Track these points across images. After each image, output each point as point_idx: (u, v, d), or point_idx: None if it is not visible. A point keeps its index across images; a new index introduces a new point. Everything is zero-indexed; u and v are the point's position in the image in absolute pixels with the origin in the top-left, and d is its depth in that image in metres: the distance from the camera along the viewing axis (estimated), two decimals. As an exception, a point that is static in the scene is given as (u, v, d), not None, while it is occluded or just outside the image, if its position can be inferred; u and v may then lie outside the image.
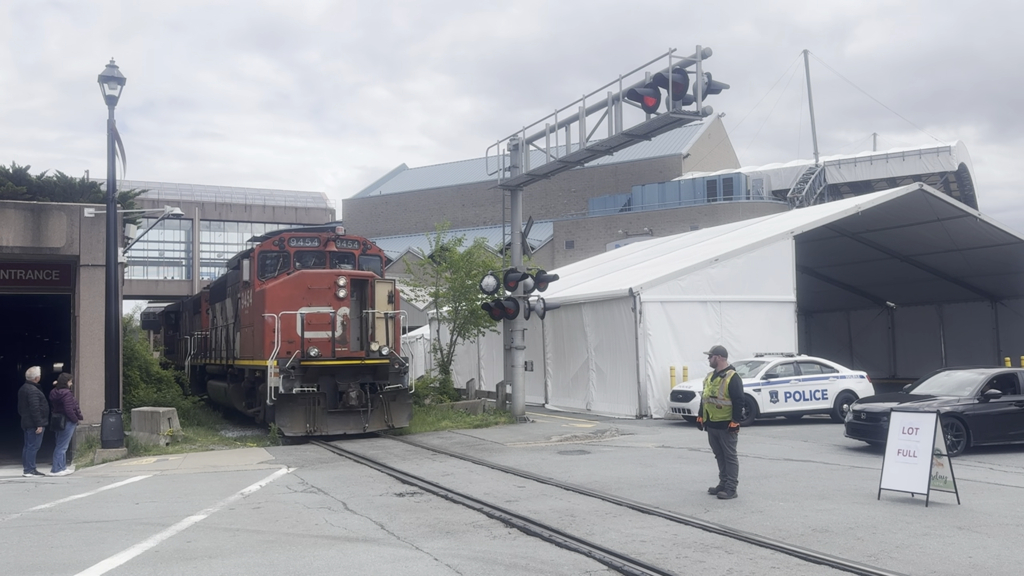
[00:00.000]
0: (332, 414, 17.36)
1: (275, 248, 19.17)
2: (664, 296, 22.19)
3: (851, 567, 7.19)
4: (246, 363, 19.73)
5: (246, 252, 20.09)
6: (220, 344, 23.65)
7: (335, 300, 17.71)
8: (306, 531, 9.04)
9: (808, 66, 68.21)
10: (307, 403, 17.11)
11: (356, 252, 19.99)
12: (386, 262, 21.29)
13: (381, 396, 17.89)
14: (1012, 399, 14.59)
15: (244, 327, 20.00)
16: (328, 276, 18.03)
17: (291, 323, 17.26)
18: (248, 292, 19.38)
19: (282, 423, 16.94)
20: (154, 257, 61.11)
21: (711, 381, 11.32)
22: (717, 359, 11.50)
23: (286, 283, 17.94)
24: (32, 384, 14.46)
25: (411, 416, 18.74)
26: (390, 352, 17.95)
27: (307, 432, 17.04)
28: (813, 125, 66.94)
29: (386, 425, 17.92)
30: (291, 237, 19.34)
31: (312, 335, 17.28)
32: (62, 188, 18.60)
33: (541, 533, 8.59)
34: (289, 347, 17.14)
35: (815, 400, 20.38)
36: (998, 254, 27.81)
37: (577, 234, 65.65)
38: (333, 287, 17.78)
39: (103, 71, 16.20)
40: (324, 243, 19.35)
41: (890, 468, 10.34)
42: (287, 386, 16.94)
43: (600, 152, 19.37)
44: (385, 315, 18.17)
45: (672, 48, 16.01)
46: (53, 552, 8.40)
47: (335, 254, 19.43)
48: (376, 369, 17.91)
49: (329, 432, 17.26)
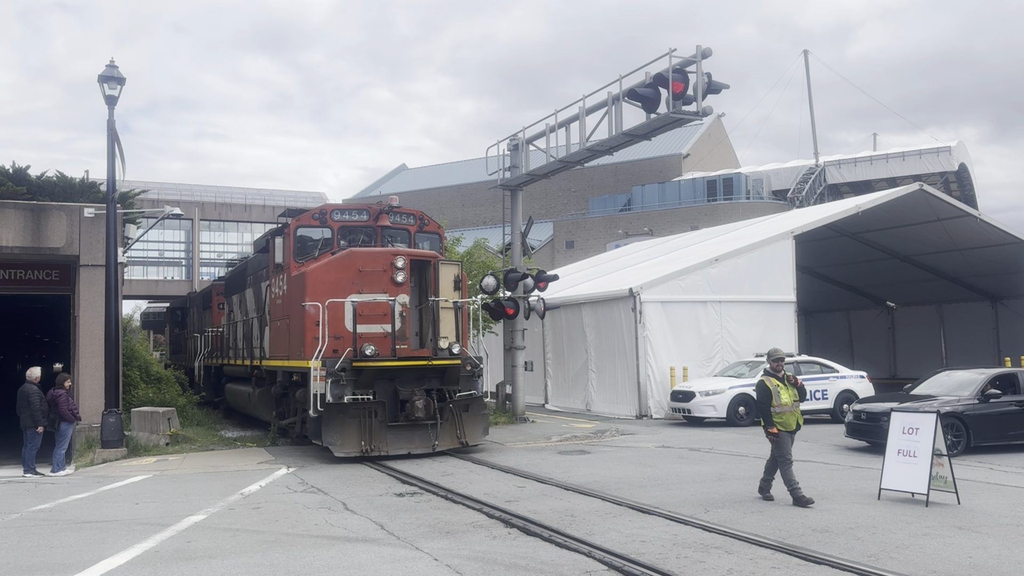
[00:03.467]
0: (392, 428, 14.25)
1: (315, 223, 15.95)
2: (664, 296, 22.19)
3: (851, 567, 7.18)
4: (278, 364, 16.66)
5: (278, 229, 16.79)
6: (239, 341, 21.22)
7: (392, 285, 14.60)
8: (306, 531, 9.03)
9: (808, 66, 68.26)
10: (360, 414, 14.01)
11: (412, 228, 16.68)
12: (444, 242, 18.04)
13: (451, 406, 14.82)
14: (1012, 399, 14.59)
15: (275, 320, 16.98)
16: (383, 256, 14.84)
17: (338, 314, 14.27)
18: (281, 277, 16.37)
19: (330, 439, 13.81)
20: (154, 257, 61.04)
21: (787, 387, 10.45)
22: (780, 364, 10.71)
23: (332, 264, 14.82)
24: (32, 384, 14.46)
25: (487, 431, 15.63)
26: (462, 351, 15.02)
27: (362, 451, 13.90)
28: (813, 125, 66.97)
29: (458, 442, 14.85)
30: (334, 210, 16.15)
31: (365, 329, 14.14)
32: (62, 188, 18.58)
33: (541, 533, 8.59)
34: (336, 344, 14.17)
35: (815, 400, 20.36)
36: (998, 254, 27.80)
37: (577, 234, 65.61)
38: (390, 269, 14.61)
39: (103, 71, 16.21)
40: (375, 216, 16.09)
41: (890, 468, 10.34)
42: (336, 393, 13.89)
43: (600, 152, 19.36)
44: (454, 304, 15.07)
45: (672, 48, 16.01)
46: (53, 552, 8.39)
47: (388, 230, 16.20)
48: (445, 372, 14.79)
49: (389, 451, 14.12)
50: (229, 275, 24.23)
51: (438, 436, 14.47)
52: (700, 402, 19.73)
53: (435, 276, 14.86)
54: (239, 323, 21.24)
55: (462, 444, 14.89)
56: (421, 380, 14.62)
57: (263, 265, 18.16)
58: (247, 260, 21.66)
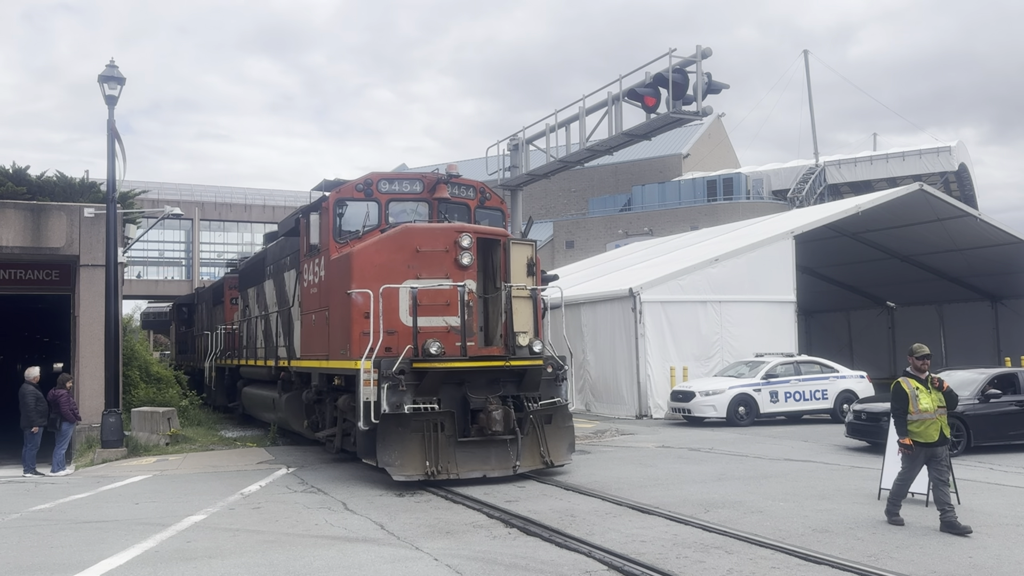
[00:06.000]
0: (464, 445, 11.59)
1: (359, 195, 13.26)
2: (664, 296, 22.19)
3: (851, 567, 7.18)
4: (312, 365, 14.11)
5: (313, 204, 14.02)
6: (257, 339, 18.99)
7: (456, 269, 12.05)
8: (306, 531, 9.03)
9: (808, 66, 68.21)
10: (423, 428, 11.39)
11: (471, 203, 13.97)
12: (507, 219, 15.08)
13: (531, 417, 12.17)
14: (1012, 399, 14.58)
15: (308, 313, 14.46)
16: (446, 233, 12.28)
17: (392, 304, 11.75)
18: (316, 262, 13.94)
19: (387, 459, 11.20)
20: (154, 257, 61.07)
21: (929, 391, 9.02)
22: (925, 363, 9.24)
23: (384, 243, 12.29)
24: (31, 384, 14.47)
25: (573, 447, 13.01)
26: (544, 349, 12.61)
27: (427, 474, 11.22)
28: (813, 124, 66.92)
29: (541, 461, 12.20)
30: (381, 179, 13.45)
31: (427, 322, 11.68)
32: (62, 188, 18.58)
33: (541, 533, 8.58)
34: (388, 341, 11.64)
35: (815, 400, 20.38)
36: (998, 254, 27.82)
37: (577, 234, 65.59)
38: (453, 249, 12.05)
39: (103, 71, 16.23)
40: (431, 187, 13.47)
41: (890, 468, 10.31)
42: (394, 401, 11.31)
43: (600, 152, 19.39)
44: (531, 292, 12.68)
45: (672, 48, 16.03)
46: (53, 552, 8.39)
47: (445, 204, 13.55)
48: (525, 375, 12.21)
49: (461, 474, 11.43)
50: (244, 266, 22.02)
51: (519, 454, 11.82)
52: (700, 402, 19.74)
53: (505, 258, 12.36)
54: (257, 319, 19.21)
55: (546, 464, 12.23)
56: (494, 385, 12.06)
57: (287, 251, 16.12)
58: (265, 249, 19.26)
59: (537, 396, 12.44)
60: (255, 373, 19.21)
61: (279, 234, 16.99)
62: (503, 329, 12.21)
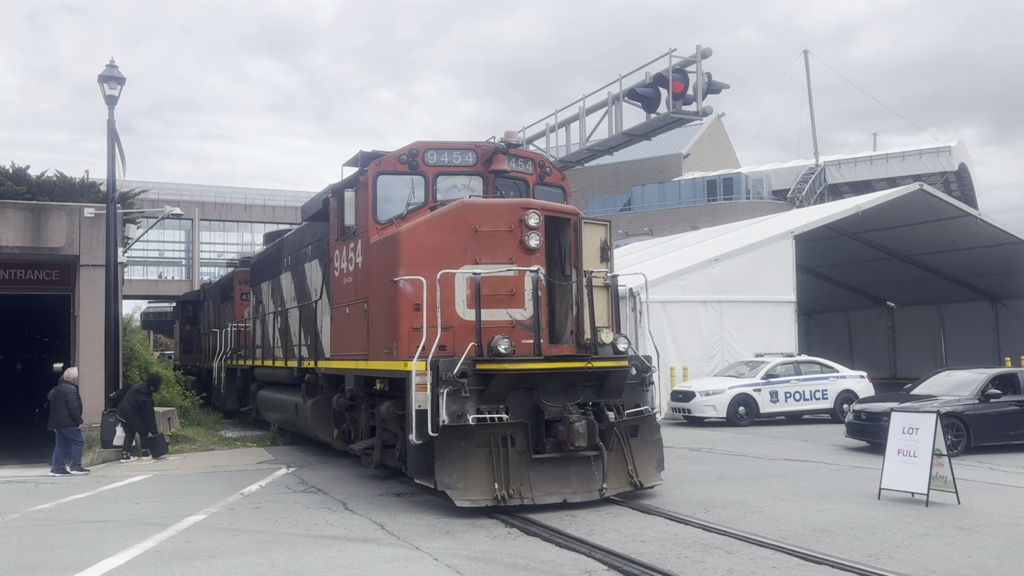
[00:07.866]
0: (538, 463, 9.69)
1: (403, 168, 11.33)
2: (664, 296, 22.18)
3: (851, 567, 7.18)
4: (347, 366, 12.22)
5: (349, 179, 12.12)
6: (273, 337, 17.38)
7: (521, 252, 10.19)
8: (306, 531, 9.03)
9: (808, 66, 68.17)
10: (490, 443, 9.46)
11: (530, 178, 12.09)
12: (569, 198, 12.83)
13: (616, 429, 10.31)
14: (1012, 399, 14.60)
15: (340, 306, 12.59)
16: (510, 209, 10.40)
17: (447, 294, 9.85)
18: (351, 247, 12.05)
19: (449, 480, 9.31)
20: (154, 257, 61.06)
21: None
22: None
23: (436, 222, 10.44)
24: (70, 384, 14.43)
25: (662, 464, 10.98)
26: (628, 348, 10.46)
27: (497, 499, 9.29)
28: (813, 124, 66.89)
29: (630, 483, 10.26)
30: (428, 149, 11.46)
31: (490, 315, 9.88)
32: (62, 188, 18.59)
33: (541, 533, 8.58)
34: (443, 338, 9.71)
35: (815, 400, 20.39)
36: (998, 254, 27.81)
37: (577, 234, 65.55)
38: (519, 229, 10.20)
39: (103, 71, 16.25)
40: (486, 159, 11.56)
41: (890, 468, 10.33)
42: (455, 409, 9.43)
43: (600, 152, 19.40)
44: (609, 280, 10.74)
45: (672, 48, 16.04)
46: (53, 552, 8.39)
47: (502, 178, 11.68)
48: (607, 378, 10.28)
49: (537, 499, 9.51)
50: (257, 260, 20.45)
51: (605, 475, 9.88)
52: (700, 402, 19.74)
53: (576, 240, 10.45)
54: (273, 315, 17.47)
55: (634, 486, 10.27)
56: (570, 391, 10.10)
57: (309, 240, 14.69)
58: (282, 239, 17.77)
59: (620, 404, 10.59)
60: (273, 375, 17.29)
61: (303, 217, 15.07)
62: (574, 324, 10.26)
